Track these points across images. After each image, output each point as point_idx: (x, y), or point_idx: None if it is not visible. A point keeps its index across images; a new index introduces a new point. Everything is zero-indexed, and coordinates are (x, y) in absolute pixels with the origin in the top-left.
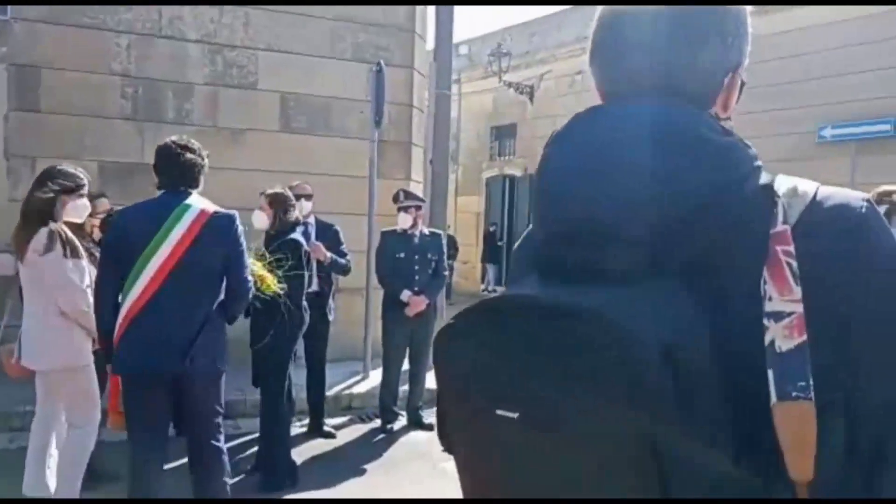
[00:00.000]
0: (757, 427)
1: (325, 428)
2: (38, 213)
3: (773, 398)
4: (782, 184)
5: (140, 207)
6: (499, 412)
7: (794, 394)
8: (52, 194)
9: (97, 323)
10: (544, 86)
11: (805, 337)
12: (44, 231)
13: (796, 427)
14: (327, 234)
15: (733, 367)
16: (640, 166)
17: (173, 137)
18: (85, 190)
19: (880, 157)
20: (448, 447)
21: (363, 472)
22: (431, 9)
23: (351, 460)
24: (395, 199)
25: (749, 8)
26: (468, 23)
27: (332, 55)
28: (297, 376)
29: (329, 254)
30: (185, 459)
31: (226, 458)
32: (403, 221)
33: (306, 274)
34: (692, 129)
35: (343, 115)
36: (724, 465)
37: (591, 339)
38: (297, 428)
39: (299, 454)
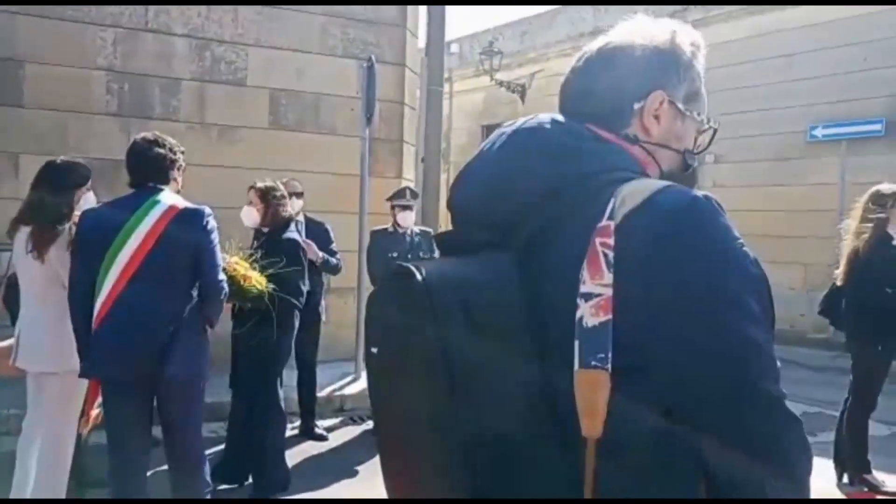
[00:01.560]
0: (562, 391)
1: (317, 430)
2: (59, 214)
3: (577, 366)
4: (631, 185)
5: (108, 205)
6: (372, 349)
7: (592, 363)
8: (75, 195)
9: (73, 327)
10: (536, 85)
11: (610, 316)
12: (67, 228)
13: (591, 391)
14: (318, 232)
15: (551, 333)
16: (497, 169)
17: (144, 133)
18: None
19: (870, 157)
20: None
21: (355, 473)
22: (423, 6)
23: (343, 462)
24: (401, 195)
25: (684, 37)
26: (459, 21)
27: (322, 51)
28: (288, 377)
29: (321, 253)
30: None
31: (206, 467)
32: (405, 220)
33: (306, 272)
34: (556, 136)
35: (333, 113)
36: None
37: (414, 294)
38: (289, 430)
39: (290, 457)
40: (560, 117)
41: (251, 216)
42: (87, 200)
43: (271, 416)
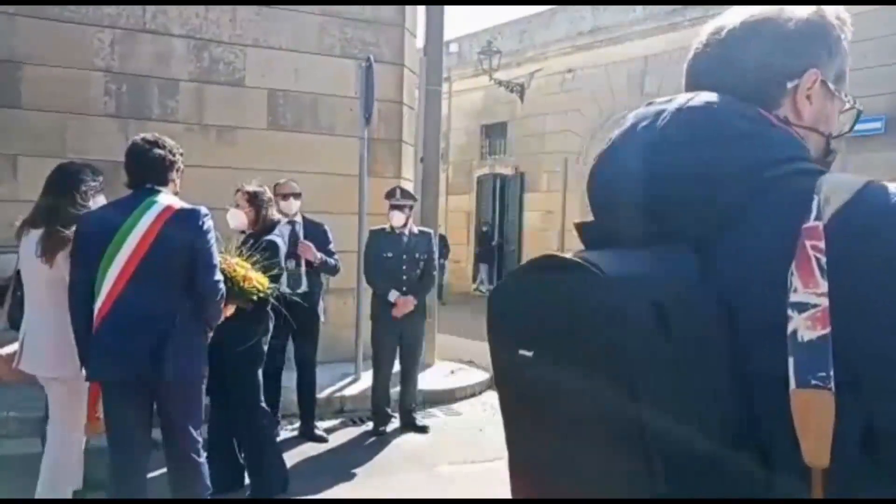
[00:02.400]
0: (769, 411)
1: (317, 431)
2: (74, 219)
3: (793, 384)
4: (828, 180)
5: (106, 207)
6: (521, 351)
7: (812, 382)
8: (89, 200)
9: (73, 329)
10: (535, 84)
11: (828, 329)
12: (72, 233)
13: (814, 414)
14: (316, 233)
15: (747, 347)
16: (666, 148)
17: (142, 134)
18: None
19: (871, 154)
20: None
21: (355, 476)
22: (421, 5)
23: (343, 464)
24: (391, 195)
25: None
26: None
27: (321, 51)
28: (288, 378)
29: (319, 254)
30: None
31: (205, 470)
32: (397, 220)
33: (284, 275)
34: (732, 119)
35: (332, 113)
36: (714, 438)
37: (584, 289)
38: (288, 432)
39: (290, 458)
40: (727, 98)
41: (239, 218)
42: (98, 204)
43: (259, 417)
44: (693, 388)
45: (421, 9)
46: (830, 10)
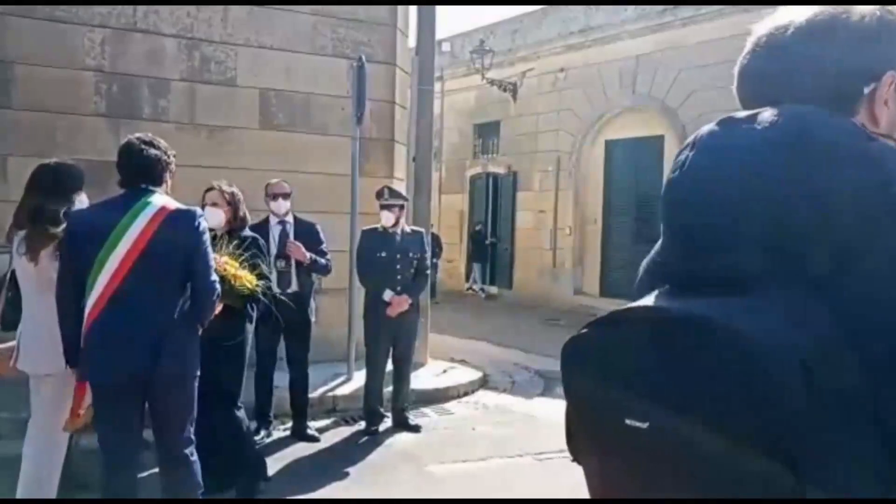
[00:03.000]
0: None
1: (309, 431)
2: (58, 219)
3: None
4: None
5: (98, 206)
6: (627, 422)
7: None
8: (73, 199)
9: (60, 328)
10: (527, 83)
11: None
12: (59, 232)
13: None
14: (307, 233)
15: (883, 387)
16: (763, 171)
17: (137, 134)
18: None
19: None
20: (574, 455)
21: (347, 475)
22: (413, 6)
23: (335, 464)
24: (380, 195)
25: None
26: (450, 20)
27: (313, 51)
28: (280, 378)
29: (309, 254)
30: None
31: (197, 469)
32: (386, 220)
33: (274, 274)
34: (833, 134)
35: (324, 112)
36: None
37: (717, 352)
38: (281, 432)
39: (282, 458)
40: (821, 111)
41: (217, 217)
42: (81, 203)
43: (237, 414)
44: (849, 453)
45: (413, 8)
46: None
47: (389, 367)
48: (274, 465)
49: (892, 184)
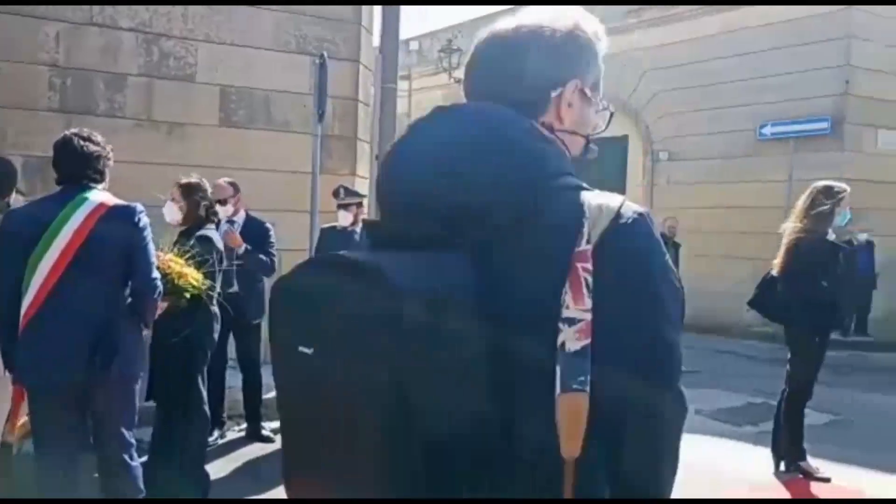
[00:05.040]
0: (533, 411)
1: (264, 432)
2: None
3: (558, 389)
4: (591, 200)
5: (35, 204)
6: (300, 349)
7: (574, 386)
8: (11, 198)
9: None
10: None
11: (589, 340)
12: None
13: (572, 414)
14: (256, 231)
15: (517, 353)
16: (453, 158)
17: (73, 129)
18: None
19: (817, 154)
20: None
21: None
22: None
23: None
24: (336, 194)
25: (596, 28)
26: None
27: (275, 47)
28: (234, 379)
29: (245, 244)
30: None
31: (138, 473)
32: (343, 219)
33: (219, 273)
34: (510, 131)
35: (286, 109)
36: (479, 424)
37: (368, 295)
38: (235, 433)
39: (237, 459)
40: (507, 109)
41: (172, 213)
42: (17, 200)
43: (194, 417)
44: (461, 390)
45: (377, 7)
46: (589, 24)
47: None
48: (228, 465)
49: (549, 179)
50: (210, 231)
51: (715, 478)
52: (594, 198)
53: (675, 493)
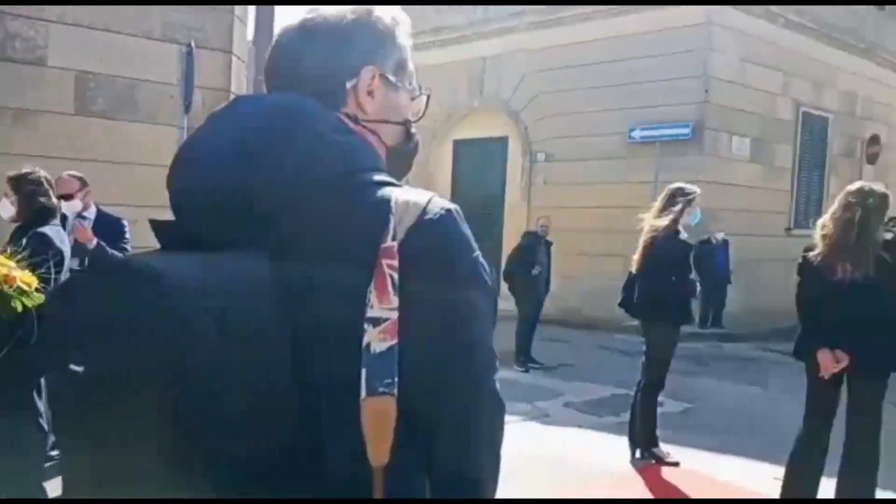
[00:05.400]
0: (336, 417)
1: None
2: None
3: (364, 393)
4: (398, 196)
5: None
6: (71, 366)
7: (380, 389)
8: None
9: None
10: None
11: (396, 340)
12: None
13: (377, 418)
14: (111, 226)
15: (318, 356)
16: (247, 151)
17: None
18: None
19: (681, 158)
20: None
21: None
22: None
23: None
24: None
25: (392, 17)
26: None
27: (139, 33)
28: None
29: (96, 239)
30: None
31: None
32: None
33: (52, 275)
34: (311, 123)
35: (153, 100)
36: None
37: (156, 300)
38: None
39: None
40: (309, 101)
41: (7, 209)
42: None
43: (29, 433)
44: (255, 393)
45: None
46: (386, 13)
47: None
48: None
49: (354, 174)
50: (49, 228)
51: (579, 468)
52: (402, 194)
53: (542, 486)
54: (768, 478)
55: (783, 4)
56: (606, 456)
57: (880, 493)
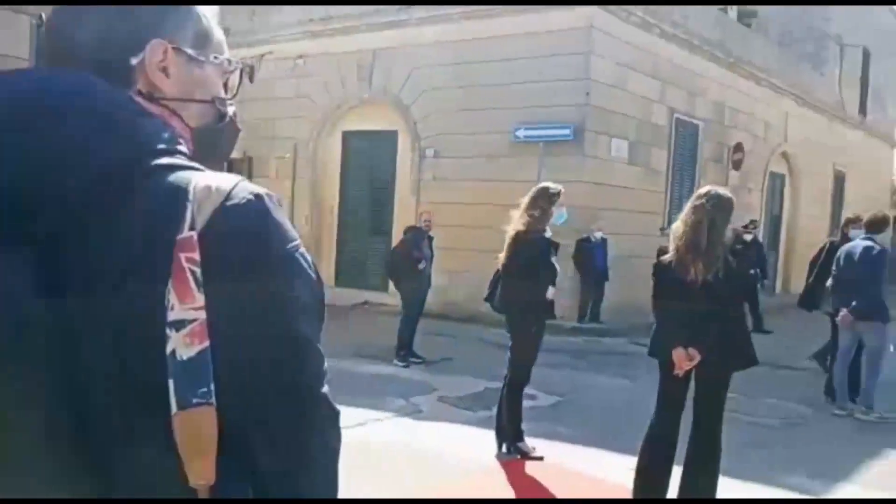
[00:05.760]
0: (157, 436)
1: None
2: None
3: (174, 408)
4: (198, 181)
5: None
6: None
7: (194, 400)
8: None
9: None
10: (266, 67)
11: (206, 343)
12: None
13: (196, 432)
14: None
15: (114, 378)
16: (13, 130)
17: None
18: None
19: (563, 158)
20: None
21: None
22: None
23: None
24: None
25: None
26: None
27: None
28: None
29: None
30: None
31: None
32: None
33: None
34: (89, 103)
35: None
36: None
37: None
38: None
39: None
40: (93, 78)
41: None
42: None
43: None
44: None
45: None
46: None
47: None
48: None
49: (144, 157)
50: None
51: (445, 463)
52: (203, 178)
53: (409, 483)
54: (626, 469)
55: (642, 4)
56: (474, 451)
57: (722, 480)
